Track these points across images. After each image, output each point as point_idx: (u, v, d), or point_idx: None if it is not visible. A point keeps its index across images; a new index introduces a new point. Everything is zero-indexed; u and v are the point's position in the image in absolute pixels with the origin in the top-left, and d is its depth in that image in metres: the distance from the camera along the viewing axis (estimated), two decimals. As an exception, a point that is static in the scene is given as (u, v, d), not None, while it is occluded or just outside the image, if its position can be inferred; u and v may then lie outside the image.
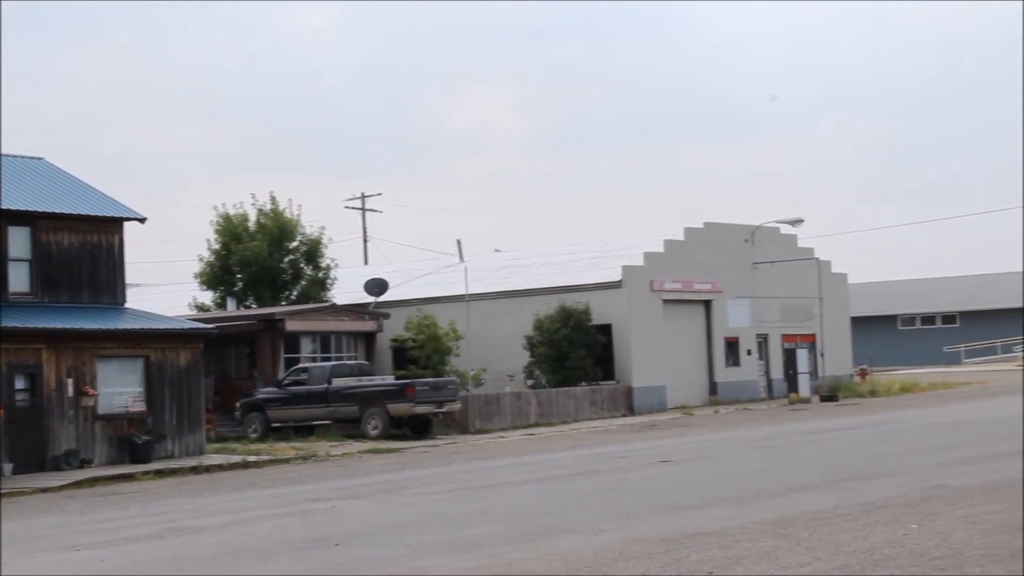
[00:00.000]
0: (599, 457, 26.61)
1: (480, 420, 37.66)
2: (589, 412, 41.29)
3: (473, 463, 27.01)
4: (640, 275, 44.68)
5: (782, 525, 14.54)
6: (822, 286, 50.82)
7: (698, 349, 47.34)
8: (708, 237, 48.21)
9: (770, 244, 50.48)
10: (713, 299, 47.67)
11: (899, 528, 13.94)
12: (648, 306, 44.77)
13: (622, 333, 43.91)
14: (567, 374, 42.67)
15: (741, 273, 48.92)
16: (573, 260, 48.64)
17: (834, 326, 52.00)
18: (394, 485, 22.69)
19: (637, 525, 15.24)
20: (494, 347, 45.18)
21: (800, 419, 36.79)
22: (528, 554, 13.58)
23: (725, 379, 47.65)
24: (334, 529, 16.61)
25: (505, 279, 48.56)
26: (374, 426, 35.16)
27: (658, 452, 26.80)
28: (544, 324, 43.29)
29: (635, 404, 43.07)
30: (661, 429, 35.56)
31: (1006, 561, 11.79)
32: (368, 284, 47.16)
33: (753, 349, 49.33)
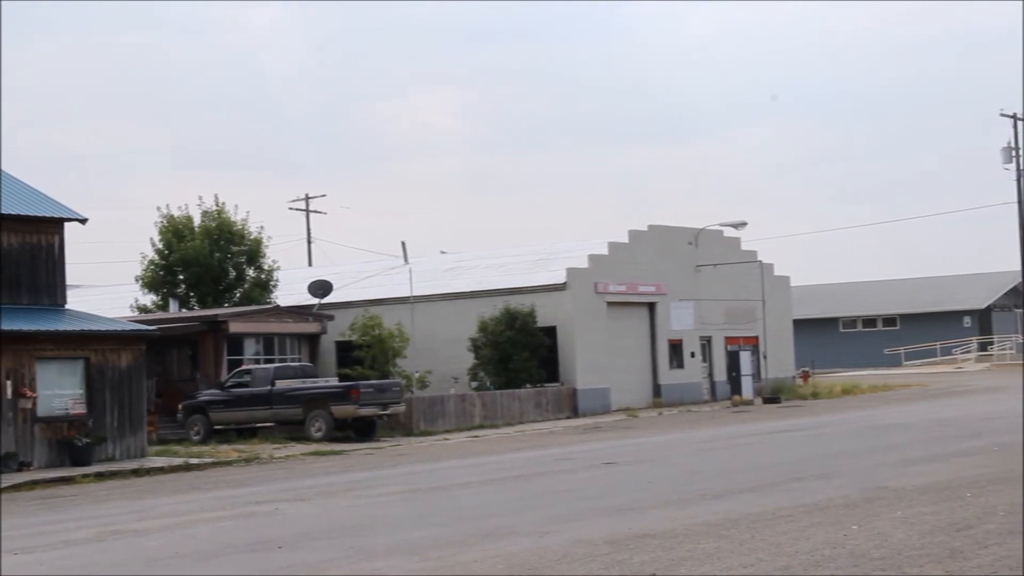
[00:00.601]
0: (543, 459, 26.64)
1: (425, 422, 37.60)
2: (533, 414, 41.34)
3: (417, 465, 26.96)
4: (584, 277, 44.80)
5: (725, 527, 14.63)
6: (765, 289, 51.21)
7: (642, 351, 47.53)
8: (652, 240, 48.42)
9: (714, 247, 50.80)
10: (657, 301, 47.89)
11: (840, 529, 14.07)
12: (592, 308, 44.90)
13: (567, 335, 44.00)
14: (512, 376, 42.71)
15: (685, 276, 49.19)
16: (518, 262, 48.68)
17: (777, 328, 52.40)
18: (338, 487, 22.60)
19: (581, 527, 15.28)
20: (439, 349, 45.13)
21: (743, 421, 37.02)
22: (473, 556, 13.58)
23: (669, 381, 47.88)
24: (277, 532, 16.52)
25: (450, 281, 48.52)
26: (318, 428, 35.01)
27: (602, 454, 26.87)
28: (489, 326, 43.30)
29: (579, 406, 43.18)
30: (605, 431, 35.66)
31: (944, 561, 11.94)
32: (312, 286, 46.95)
33: (697, 351, 49.61)
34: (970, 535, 13.25)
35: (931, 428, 29.42)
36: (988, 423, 29.95)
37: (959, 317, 79.91)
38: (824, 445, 26.66)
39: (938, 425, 30.27)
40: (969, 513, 14.76)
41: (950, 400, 42.03)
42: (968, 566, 11.68)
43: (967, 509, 15.11)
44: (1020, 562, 11.78)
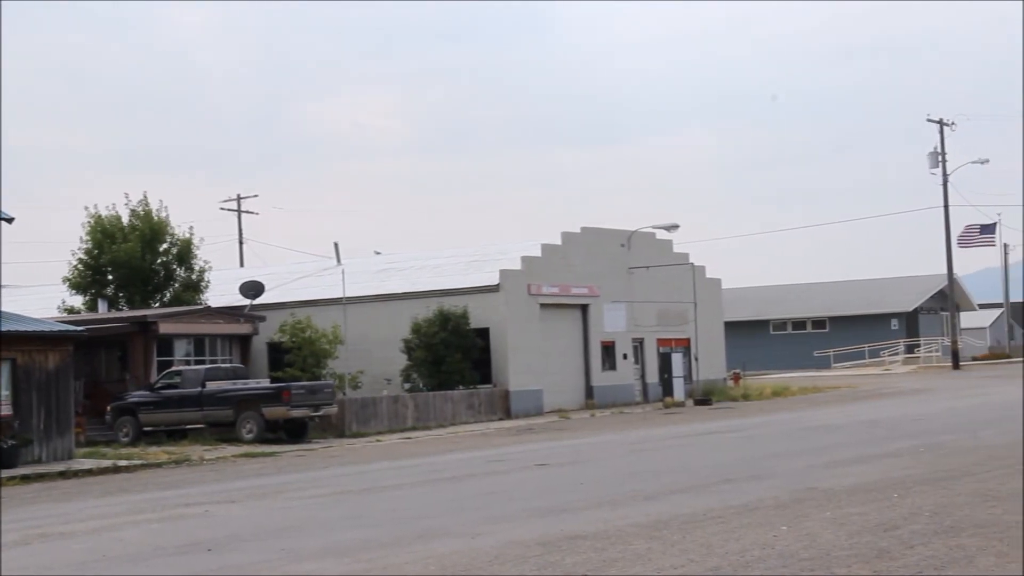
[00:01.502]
0: (476, 461, 26.62)
1: (357, 424, 37.43)
2: (466, 416, 41.31)
3: (349, 467, 26.84)
4: (518, 279, 44.84)
5: (656, 527, 14.70)
6: (697, 291, 51.53)
7: (575, 353, 47.66)
8: (585, 242, 48.58)
9: (646, 249, 51.06)
10: (590, 303, 48.04)
11: (770, 530, 14.18)
12: (525, 310, 44.95)
13: (499, 337, 44.02)
14: (444, 378, 42.65)
15: (617, 278, 49.39)
16: (451, 264, 48.63)
17: (708, 331, 52.75)
18: (269, 489, 22.44)
19: (513, 528, 15.29)
20: (372, 350, 44.97)
21: (675, 423, 37.23)
22: (404, 558, 13.54)
23: (601, 383, 48.04)
24: (207, 534, 16.37)
25: (383, 282, 48.37)
26: (249, 430, 34.74)
27: (534, 455, 26.90)
28: (422, 328, 43.22)
29: (512, 408, 43.20)
30: (538, 433, 35.71)
31: (872, 561, 12.07)
32: (244, 286, 46.58)
33: (629, 353, 49.82)
34: (897, 535, 13.41)
35: (860, 430, 29.76)
36: (915, 424, 30.36)
37: (887, 320, 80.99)
38: (755, 447, 26.87)
39: (866, 426, 30.64)
40: (896, 514, 14.95)
41: (878, 402, 42.56)
42: (895, 566, 11.82)
43: (894, 510, 15.29)
44: (944, 562, 11.94)
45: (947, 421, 31.17)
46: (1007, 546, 12.58)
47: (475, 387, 43.06)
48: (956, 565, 11.74)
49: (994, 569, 11.52)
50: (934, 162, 71.43)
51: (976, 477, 18.29)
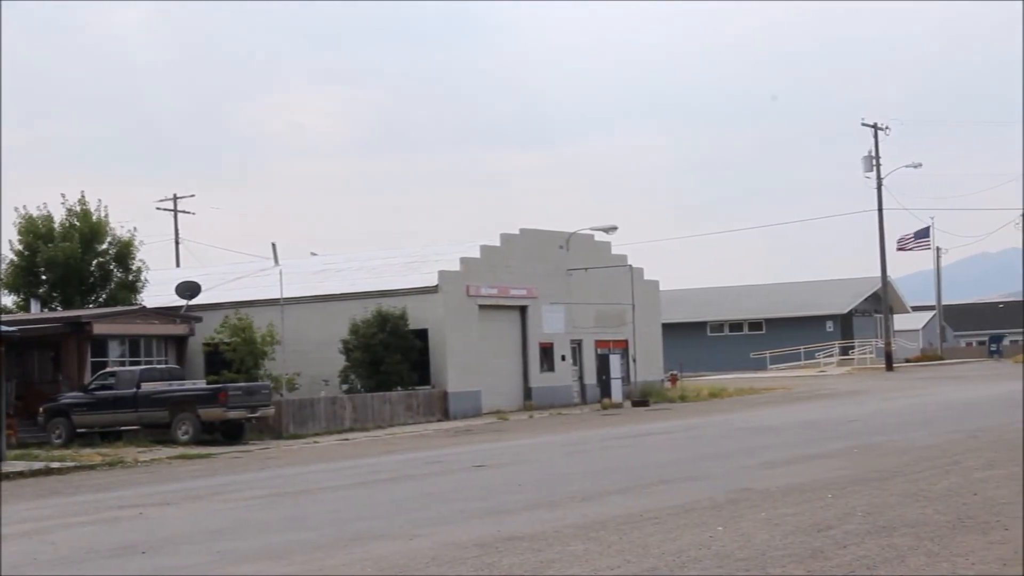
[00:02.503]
0: (414, 462, 26.57)
1: (294, 425, 37.23)
2: (404, 417, 41.21)
3: (286, 468, 26.68)
4: (456, 280, 44.81)
5: (593, 528, 14.75)
6: (635, 293, 51.76)
7: (513, 354, 47.70)
8: (524, 243, 48.63)
9: (585, 251, 51.21)
10: (528, 305, 48.11)
11: (706, 530, 14.28)
12: (464, 311, 44.93)
13: (438, 338, 43.96)
14: (383, 379, 42.53)
15: (556, 279, 49.50)
16: (390, 265, 48.52)
17: (646, 332, 53.01)
18: (204, 491, 22.26)
19: (451, 529, 15.28)
20: (309, 352, 44.76)
21: (612, 424, 37.36)
22: (341, 560, 13.48)
23: (540, 384, 48.11)
24: (141, 537, 16.21)
25: (321, 283, 48.16)
26: (184, 431, 34.43)
27: (472, 457, 26.89)
28: (360, 329, 43.07)
29: (450, 409, 43.16)
30: (476, 434, 35.70)
31: (806, 561, 12.19)
32: (180, 287, 46.19)
33: (567, 355, 49.94)
34: (830, 535, 13.55)
35: (795, 431, 30.03)
36: (849, 426, 30.68)
37: (822, 322, 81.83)
38: (692, 448, 27.03)
39: (801, 428, 30.92)
40: (830, 514, 15.10)
41: (813, 403, 42.97)
42: (828, 566, 11.95)
43: (828, 510, 15.45)
44: (876, 561, 12.08)
45: (880, 422, 31.54)
46: (937, 545, 12.75)
47: (413, 388, 42.98)
48: (888, 565, 11.89)
49: (925, 568, 11.67)
50: (868, 166, 72.22)
51: (908, 477, 18.53)
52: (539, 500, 17.93)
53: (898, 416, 33.70)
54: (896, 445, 24.30)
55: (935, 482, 17.78)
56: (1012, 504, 15.30)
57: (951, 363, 78.29)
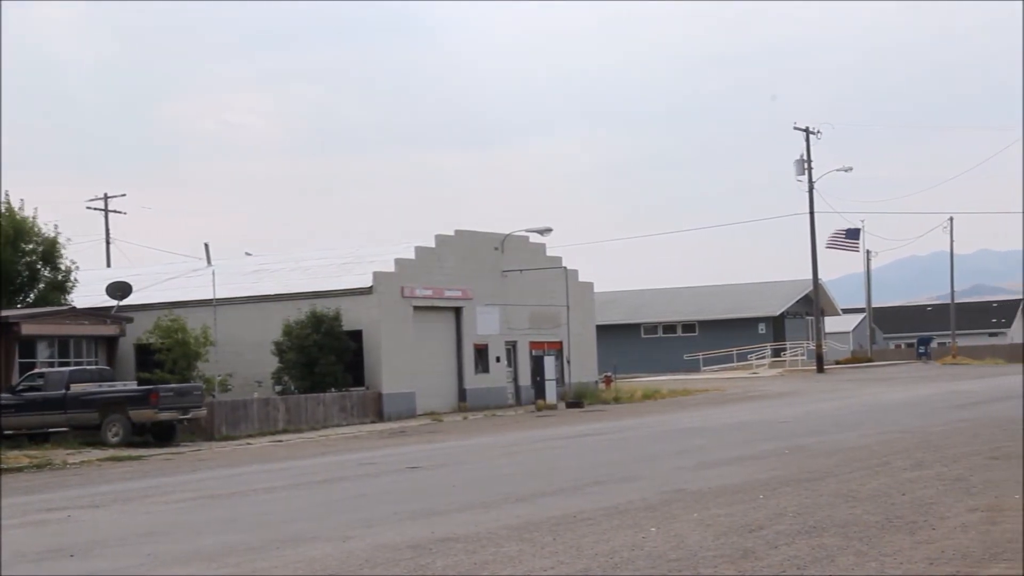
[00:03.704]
0: (347, 463, 26.47)
1: (227, 427, 36.95)
2: (338, 418, 41.04)
3: (218, 470, 26.48)
4: (391, 281, 44.70)
5: (527, 530, 14.77)
6: (569, 294, 51.91)
7: (448, 356, 47.66)
8: (459, 244, 48.62)
9: (519, 252, 51.28)
10: (463, 306, 48.09)
11: (639, 531, 14.34)
12: (399, 312, 44.82)
13: (372, 339, 43.83)
14: (317, 380, 42.33)
15: (491, 281, 49.52)
16: (324, 266, 48.32)
17: (580, 334, 53.18)
18: (135, 493, 22.02)
19: (384, 531, 15.23)
20: (242, 353, 44.45)
21: (547, 425, 37.44)
22: (273, 562, 13.40)
23: (474, 386, 48.11)
24: (70, 540, 16.00)
25: (254, 284, 47.85)
26: (115, 433, 34.04)
27: (406, 458, 26.83)
28: (294, 330, 42.85)
29: (385, 410, 43.04)
30: (410, 435, 35.64)
31: (737, 561, 12.28)
32: (110, 287, 45.66)
33: (502, 356, 49.99)
34: (762, 536, 13.67)
35: (727, 432, 30.25)
36: (781, 427, 30.97)
37: (754, 324, 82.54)
38: (625, 449, 27.14)
39: (734, 429, 31.16)
40: (761, 514, 15.22)
41: (745, 404, 43.32)
42: (759, 566, 12.05)
43: (759, 511, 15.58)
44: (806, 561, 12.21)
45: (811, 424, 31.86)
46: (866, 545, 12.90)
47: (347, 390, 42.83)
48: (818, 564, 12.01)
49: (854, 568, 11.81)
50: (800, 169, 72.92)
51: (838, 478, 18.73)
52: (473, 501, 17.92)
53: (829, 417, 34.07)
54: (826, 446, 24.56)
55: (864, 483, 17.98)
56: (938, 504, 15.52)
57: (881, 365, 79.26)
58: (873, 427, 29.07)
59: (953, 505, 15.42)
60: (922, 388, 48.73)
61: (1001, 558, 12.04)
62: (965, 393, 43.01)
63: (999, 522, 14.04)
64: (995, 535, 13.25)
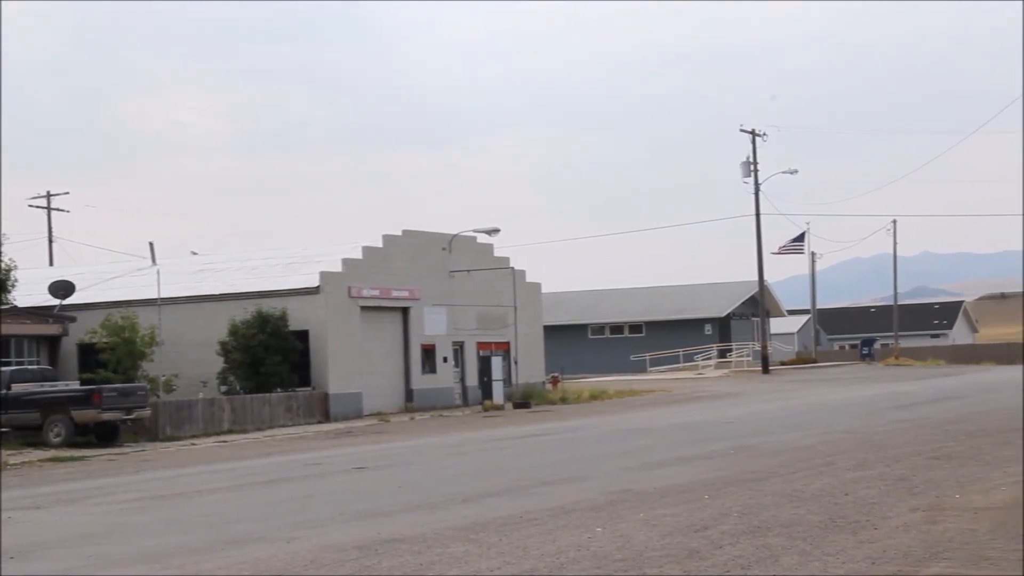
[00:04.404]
0: (293, 464, 26.36)
1: (171, 427, 36.67)
2: (284, 419, 40.85)
3: (162, 471, 26.27)
4: (338, 281, 44.54)
5: (473, 530, 14.76)
6: (517, 295, 51.96)
7: (395, 356, 47.57)
8: (406, 244, 48.53)
9: (467, 253, 51.26)
10: (411, 306, 48.01)
11: (585, 532, 14.37)
12: (346, 312, 44.67)
13: (319, 339, 43.65)
14: (263, 380, 42.11)
15: (439, 281, 49.47)
16: (271, 265, 48.09)
17: (528, 334, 53.23)
18: (77, 495, 21.79)
19: (330, 532, 15.17)
20: (187, 353, 44.13)
21: (494, 426, 37.46)
22: (217, 563, 13.30)
23: (421, 386, 48.04)
24: (10, 541, 15.80)
25: (200, 283, 47.53)
26: (57, 433, 33.66)
27: (353, 459, 26.76)
28: (240, 330, 42.60)
29: (331, 411, 42.88)
30: (356, 436, 35.54)
31: (683, 561, 12.34)
32: (53, 286, 45.18)
33: (449, 356, 49.95)
34: (707, 536, 13.74)
35: (673, 432, 30.40)
36: (726, 427, 31.16)
37: (701, 325, 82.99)
38: (572, 449, 27.20)
39: (680, 429, 31.32)
40: (706, 515, 15.31)
41: (692, 405, 43.56)
42: (704, 566, 12.11)
43: (705, 511, 15.66)
44: (750, 561, 12.29)
45: (756, 424, 32.08)
46: (810, 545, 13.00)
47: (294, 390, 42.64)
48: (762, 564, 12.09)
49: (797, 568, 11.90)
50: (746, 171, 73.30)
51: (782, 478, 18.87)
52: (419, 502, 17.89)
53: (774, 418, 34.32)
54: (771, 446, 24.75)
55: (808, 483, 18.13)
56: (880, 504, 15.68)
57: (825, 366, 79.90)
58: (817, 427, 29.32)
59: (895, 505, 15.58)
60: (865, 389, 49.20)
61: (941, 557, 12.18)
62: (907, 394, 43.49)
63: (939, 521, 14.21)
64: (936, 534, 13.41)
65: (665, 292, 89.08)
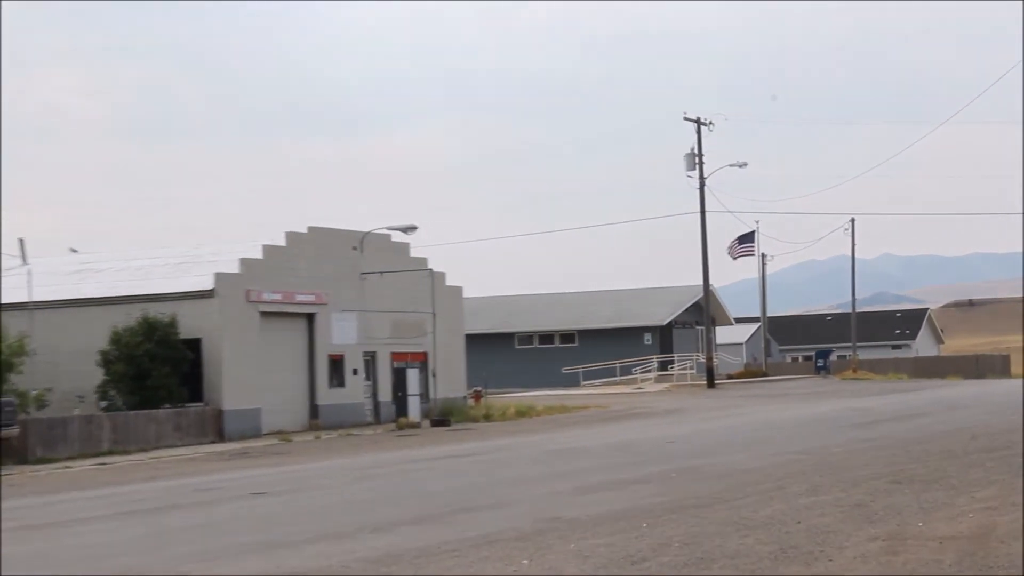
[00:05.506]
0: (182, 489, 26.14)
1: (42, 448, 36.24)
2: (173, 438, 40.51)
3: (32, 498, 25.94)
4: (235, 284, 44.24)
5: (385, 562, 14.71)
6: (436, 300, 51.90)
7: (299, 368, 47.32)
8: (313, 243, 48.30)
9: (381, 253, 51.13)
10: (317, 312, 47.79)
11: (510, 564, 14.36)
12: (244, 319, 44.37)
13: (213, 349, 43.32)
14: (149, 395, 41.73)
15: (348, 284, 49.29)
16: (159, 265, 47.67)
17: (448, 344, 53.19)
18: (-65, 525, 21.40)
19: (223, 565, 15.05)
20: (62, 363, 43.61)
21: (409, 446, 37.39)
22: (94, 603, 13.13)
23: (328, 401, 47.83)
24: None
25: (78, 285, 47.01)
26: (-88, 455, 33.10)
27: (250, 483, 26.61)
28: (123, 338, 42.18)
29: (226, 429, 42.58)
30: (254, 457, 35.34)
31: (618, 596, 12.36)
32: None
33: (360, 368, 49.77)
34: (645, 568, 13.78)
35: (609, 453, 30.50)
36: (667, 447, 31.32)
37: (639, 334, 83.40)
38: (496, 472, 27.21)
39: (616, 450, 31.43)
40: (644, 544, 15.36)
41: (629, 423, 43.74)
42: (642, 601, 12.14)
43: (643, 540, 15.71)
44: (695, 596, 12.33)
45: (700, 444, 32.28)
46: (759, 578, 13.09)
47: (184, 405, 42.30)
48: (706, 599, 12.14)
49: (745, 603, 11.96)
50: (691, 164, 73.55)
51: (728, 504, 18.98)
52: (325, 531, 17.81)
53: (719, 437, 34.55)
54: (716, 469, 24.89)
55: (757, 509, 18.25)
56: (836, 532, 15.82)
57: (776, 379, 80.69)
58: (767, 448, 29.55)
59: (852, 534, 15.72)
60: (820, 405, 49.70)
61: (903, 591, 12.31)
62: (866, 411, 43.99)
63: (901, 552, 14.36)
64: (896, 566, 13.55)
65: (600, 297, 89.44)
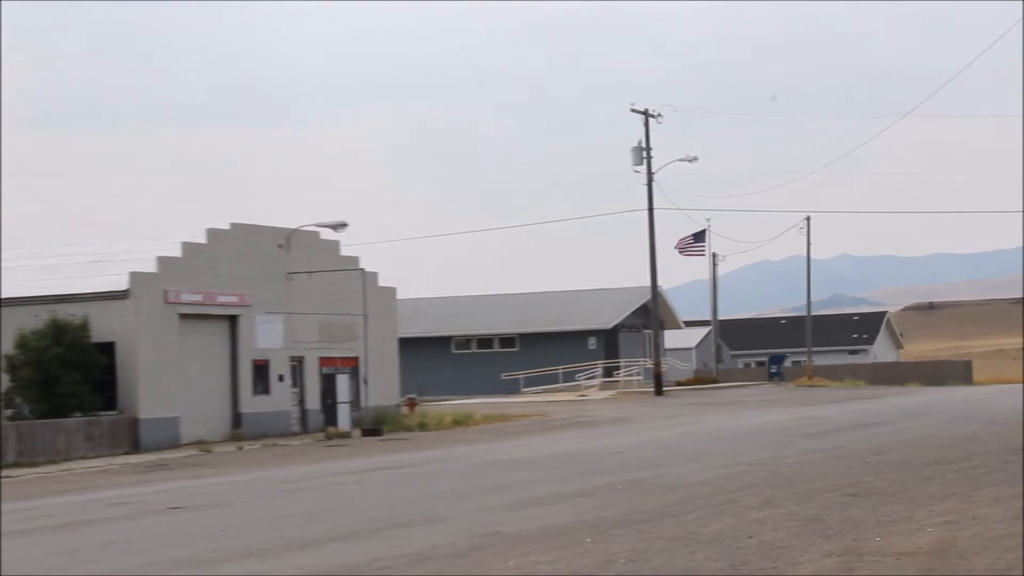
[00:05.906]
0: (94, 504, 25.95)
1: (-56, 460, 35.82)
2: (84, 449, 40.20)
3: (-68, 513, 25.61)
4: (152, 284, 43.93)
5: (311, 582, 14.64)
6: (368, 301, 51.78)
7: (220, 374, 47.07)
8: (236, 241, 48.05)
9: (309, 251, 50.93)
10: (240, 314, 47.54)
11: (444, 582, 14.34)
12: (161, 321, 44.08)
13: (128, 353, 43.00)
14: (58, 403, 41.36)
15: (274, 284, 49.07)
16: (68, 264, 47.29)
17: (381, 348, 53.08)
18: None
19: (137, 586, 14.92)
20: (-36, 369, 43.12)
21: (338, 457, 37.32)
22: (-3, 626, 12.98)
23: (252, 409, 47.60)
24: None
25: (-19, 284, 46.48)
26: None
27: (167, 497, 26.45)
28: (30, 341, 41.80)
29: (142, 439, 42.29)
30: (172, 469, 35.14)
31: (559, 617, 12.36)
32: None
33: (286, 374, 49.56)
34: (588, 586, 13.79)
35: (550, 464, 30.54)
36: (612, 458, 31.40)
37: (584, 338, 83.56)
38: (431, 485, 27.21)
39: (558, 461, 31.47)
40: (588, 561, 15.37)
41: (572, 432, 43.84)
42: (585, 622, 12.15)
43: (586, 557, 15.73)
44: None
45: (647, 454, 32.39)
46: (709, 596, 13.12)
47: (96, 414, 41.97)
48: (653, 619, 12.17)
49: (694, 623, 11.99)
50: (638, 158, 73.59)
51: (676, 518, 19.04)
52: (247, 548, 17.73)
53: (667, 447, 34.69)
54: (664, 481, 24.98)
55: (707, 524, 18.32)
56: (790, 548, 15.90)
57: (727, 387, 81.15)
58: (718, 459, 29.69)
59: (807, 549, 15.81)
60: (774, 414, 50.03)
61: (860, 609, 12.38)
62: (822, 420, 44.32)
63: (857, 568, 14.45)
64: (853, 583, 13.62)
65: (542, 299, 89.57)
